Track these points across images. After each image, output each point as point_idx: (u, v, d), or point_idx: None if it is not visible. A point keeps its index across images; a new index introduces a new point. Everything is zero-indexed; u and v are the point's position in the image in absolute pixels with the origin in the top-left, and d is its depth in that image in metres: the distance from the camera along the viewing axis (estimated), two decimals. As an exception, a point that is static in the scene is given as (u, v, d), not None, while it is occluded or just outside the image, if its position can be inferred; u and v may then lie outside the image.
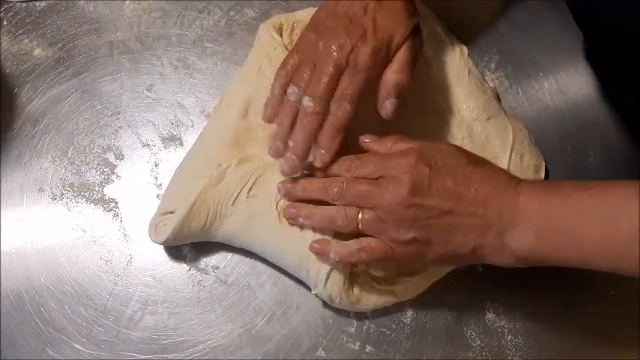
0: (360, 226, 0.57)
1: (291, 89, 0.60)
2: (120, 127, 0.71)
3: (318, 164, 0.60)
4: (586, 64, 0.75)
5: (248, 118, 0.66)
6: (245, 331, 0.64)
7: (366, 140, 0.61)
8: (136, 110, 0.71)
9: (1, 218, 0.67)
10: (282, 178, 0.63)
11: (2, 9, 0.74)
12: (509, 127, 0.69)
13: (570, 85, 0.74)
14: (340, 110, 0.58)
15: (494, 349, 0.64)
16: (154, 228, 0.64)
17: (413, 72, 0.61)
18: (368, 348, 0.64)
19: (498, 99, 0.73)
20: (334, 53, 0.58)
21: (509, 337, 0.64)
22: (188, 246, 0.66)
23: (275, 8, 0.75)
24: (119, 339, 0.63)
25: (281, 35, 0.70)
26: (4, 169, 0.68)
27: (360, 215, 0.57)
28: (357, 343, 0.64)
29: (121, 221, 0.67)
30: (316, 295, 0.63)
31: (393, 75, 0.60)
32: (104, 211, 0.67)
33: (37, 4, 0.75)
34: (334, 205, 0.59)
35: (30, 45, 0.73)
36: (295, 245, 0.62)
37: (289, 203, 0.61)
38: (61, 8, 0.75)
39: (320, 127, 0.59)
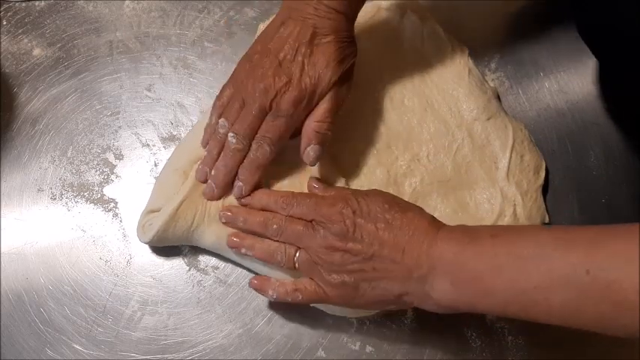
0: (296, 265, 0.59)
1: (222, 122, 0.63)
2: (119, 127, 0.71)
3: (236, 195, 0.63)
4: (586, 64, 0.75)
5: None
6: (245, 331, 0.64)
7: (314, 186, 0.63)
8: (136, 110, 0.71)
9: (1, 218, 0.67)
10: (275, 179, 0.64)
11: (2, 8, 0.74)
12: (510, 127, 0.69)
13: (571, 84, 0.74)
14: (260, 151, 0.62)
15: (495, 350, 0.64)
16: (140, 227, 0.64)
17: (334, 120, 0.63)
18: (368, 348, 0.63)
19: (498, 99, 0.73)
20: (259, 96, 0.61)
21: (510, 337, 0.64)
22: (188, 246, 0.66)
23: (275, 8, 0.75)
24: (119, 339, 0.63)
25: (281, 35, 0.70)
26: (3, 169, 0.68)
27: (297, 255, 0.59)
28: (358, 344, 0.64)
29: (121, 221, 0.67)
30: (314, 311, 0.63)
31: (313, 124, 0.62)
32: (104, 211, 0.67)
33: (37, 3, 0.75)
34: (273, 240, 0.60)
35: (29, 45, 0.73)
36: None
37: (233, 232, 0.62)
38: (60, 8, 0.75)
39: (241, 161, 0.63)
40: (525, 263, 0.50)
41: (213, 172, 0.63)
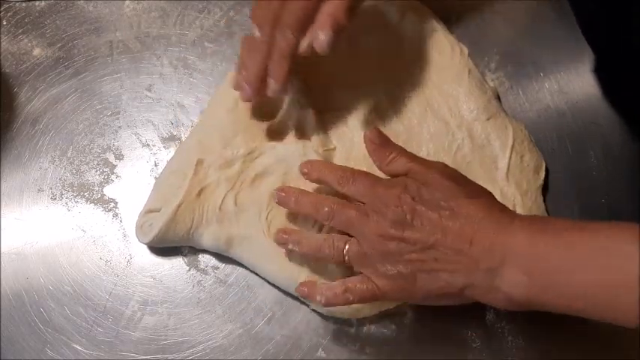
0: (346, 258, 0.57)
1: (253, 25, 0.61)
2: (119, 127, 0.71)
3: (269, 93, 0.61)
4: (586, 64, 0.75)
5: (236, 112, 0.66)
6: (245, 331, 0.64)
7: (372, 141, 0.59)
8: (136, 110, 0.71)
9: (1, 218, 0.67)
10: (270, 186, 0.63)
11: (2, 9, 0.74)
12: (510, 128, 0.69)
13: (571, 85, 0.74)
14: (283, 40, 0.60)
15: (495, 350, 0.64)
16: (139, 227, 0.64)
17: (353, 13, 0.60)
18: (368, 349, 0.63)
19: (498, 99, 0.73)
20: None
21: (510, 337, 0.64)
22: (188, 246, 0.66)
23: (275, 8, 0.75)
24: (119, 339, 0.63)
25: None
26: (3, 169, 0.68)
27: (347, 246, 0.57)
28: (357, 344, 0.64)
29: (121, 221, 0.67)
30: (314, 310, 0.63)
31: (329, 7, 0.58)
32: (104, 211, 0.67)
33: (37, 3, 0.75)
34: (324, 224, 0.59)
35: (29, 45, 0.73)
36: (283, 264, 0.62)
37: (280, 228, 0.61)
38: (60, 8, 0.75)
39: (268, 54, 0.60)
40: (614, 261, 0.47)
41: (243, 72, 0.62)
